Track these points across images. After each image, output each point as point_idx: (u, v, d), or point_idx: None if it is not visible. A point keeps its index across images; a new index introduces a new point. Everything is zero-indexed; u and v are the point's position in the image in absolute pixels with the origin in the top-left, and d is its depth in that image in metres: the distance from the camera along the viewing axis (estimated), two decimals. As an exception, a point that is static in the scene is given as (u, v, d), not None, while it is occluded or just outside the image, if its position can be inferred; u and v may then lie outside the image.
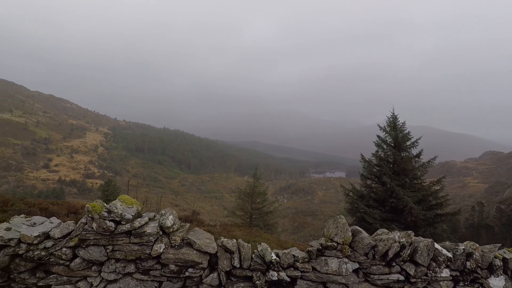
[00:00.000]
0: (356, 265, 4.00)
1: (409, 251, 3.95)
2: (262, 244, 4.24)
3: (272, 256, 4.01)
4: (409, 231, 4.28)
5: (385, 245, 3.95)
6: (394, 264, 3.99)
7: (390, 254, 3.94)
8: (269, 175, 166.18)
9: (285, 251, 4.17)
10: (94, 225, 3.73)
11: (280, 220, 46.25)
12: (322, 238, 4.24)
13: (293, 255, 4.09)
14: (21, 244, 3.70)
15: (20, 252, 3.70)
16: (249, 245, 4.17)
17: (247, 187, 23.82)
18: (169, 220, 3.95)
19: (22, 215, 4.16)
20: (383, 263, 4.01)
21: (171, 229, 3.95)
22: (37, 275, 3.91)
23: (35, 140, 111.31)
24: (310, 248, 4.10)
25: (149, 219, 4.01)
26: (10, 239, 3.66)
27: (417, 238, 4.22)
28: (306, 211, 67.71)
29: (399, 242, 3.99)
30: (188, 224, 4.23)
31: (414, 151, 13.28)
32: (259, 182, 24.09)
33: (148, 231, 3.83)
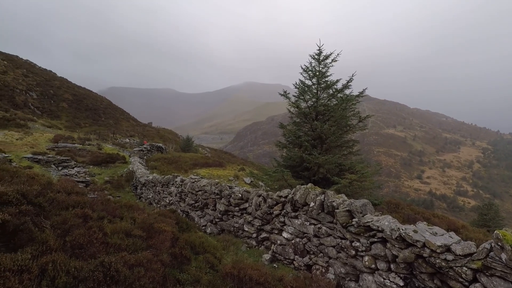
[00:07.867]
0: None
1: None
2: None
3: None
4: None
5: None
6: None
7: None
8: None
9: None
10: (504, 256, 3.37)
11: None
12: None
13: None
14: (425, 248, 4.20)
15: (424, 255, 4.20)
16: None
17: None
18: None
19: (424, 222, 4.72)
20: None
21: None
22: (434, 281, 4.24)
23: (411, 152, 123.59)
24: None
25: None
26: (416, 241, 4.28)
27: None
28: None
29: None
30: None
31: None
32: None
33: None
